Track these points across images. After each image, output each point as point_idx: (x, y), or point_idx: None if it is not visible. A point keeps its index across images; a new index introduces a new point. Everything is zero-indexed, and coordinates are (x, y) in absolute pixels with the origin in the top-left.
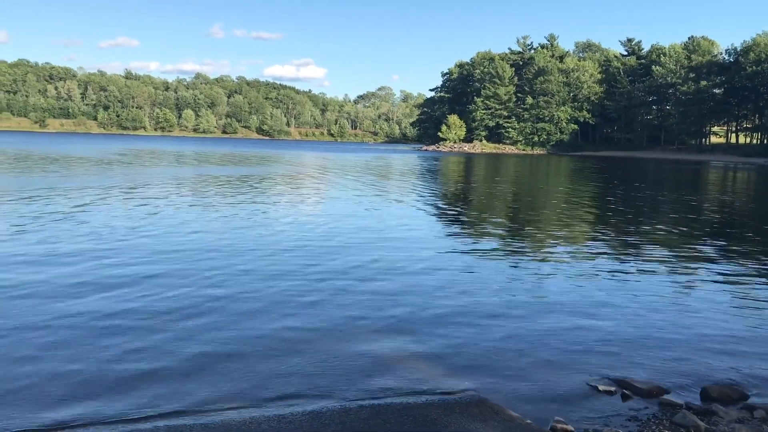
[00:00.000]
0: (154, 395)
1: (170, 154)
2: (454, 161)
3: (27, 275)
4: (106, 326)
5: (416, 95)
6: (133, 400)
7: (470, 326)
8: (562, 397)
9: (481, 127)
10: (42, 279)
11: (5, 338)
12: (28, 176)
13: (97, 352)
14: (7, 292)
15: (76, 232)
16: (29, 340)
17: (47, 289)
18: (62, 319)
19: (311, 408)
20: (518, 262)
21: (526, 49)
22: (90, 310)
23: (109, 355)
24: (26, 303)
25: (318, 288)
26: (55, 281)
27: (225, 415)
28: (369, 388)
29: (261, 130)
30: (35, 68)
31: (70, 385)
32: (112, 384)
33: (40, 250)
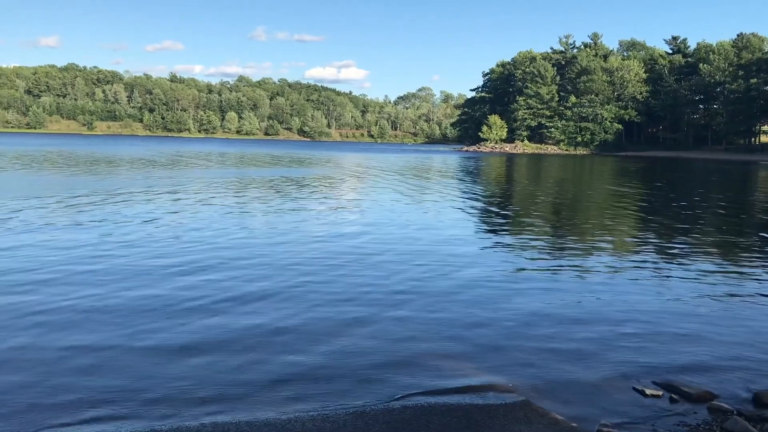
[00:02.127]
0: (203, 394)
1: (217, 156)
2: (495, 162)
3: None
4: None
5: (457, 96)
6: (183, 399)
7: (512, 328)
8: (607, 400)
9: (522, 126)
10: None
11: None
12: (90, 178)
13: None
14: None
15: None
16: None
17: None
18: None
19: (355, 407)
20: (560, 264)
21: (569, 48)
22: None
23: (163, 355)
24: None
25: (359, 289)
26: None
27: (269, 414)
28: (412, 389)
29: (302, 131)
30: (84, 72)
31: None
32: (172, 381)
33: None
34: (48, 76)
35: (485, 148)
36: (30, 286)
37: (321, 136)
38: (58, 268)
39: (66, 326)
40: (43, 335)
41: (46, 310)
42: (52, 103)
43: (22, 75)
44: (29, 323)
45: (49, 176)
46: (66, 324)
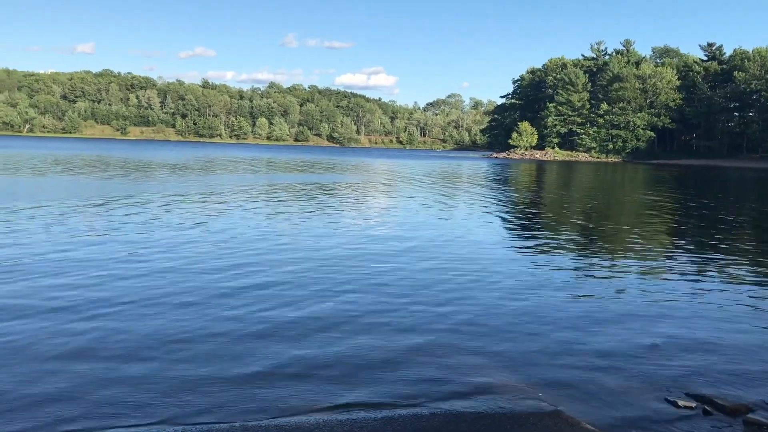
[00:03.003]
0: (231, 394)
1: (249, 161)
2: (525, 169)
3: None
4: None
5: (486, 102)
6: (211, 399)
7: (542, 336)
8: (639, 411)
9: (553, 133)
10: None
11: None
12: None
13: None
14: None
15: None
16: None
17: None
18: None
19: (383, 413)
20: (591, 272)
21: (600, 55)
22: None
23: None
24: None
25: (386, 296)
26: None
27: (298, 418)
28: (440, 395)
29: (331, 137)
30: (118, 78)
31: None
32: (205, 386)
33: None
34: (83, 81)
35: (515, 155)
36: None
37: (350, 142)
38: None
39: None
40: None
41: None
42: (87, 109)
43: (59, 81)
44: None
45: (98, 180)
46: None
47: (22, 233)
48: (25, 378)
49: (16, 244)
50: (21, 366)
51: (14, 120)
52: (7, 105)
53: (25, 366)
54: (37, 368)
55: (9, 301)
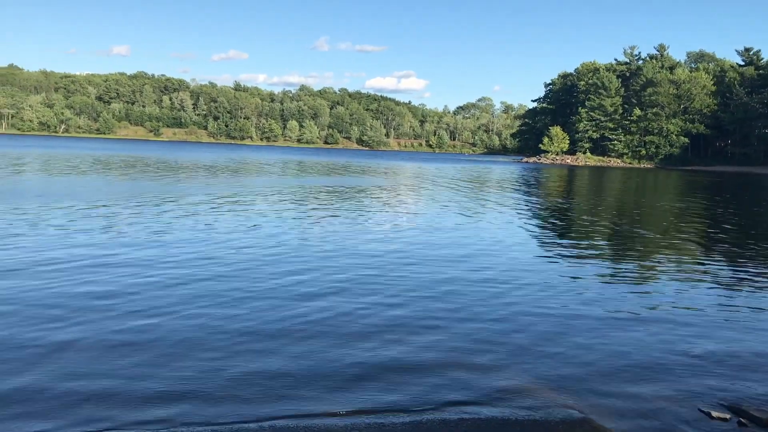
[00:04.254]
0: (262, 394)
1: (282, 163)
2: (556, 173)
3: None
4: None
5: (517, 106)
6: (242, 398)
7: (572, 343)
8: (671, 421)
9: (584, 139)
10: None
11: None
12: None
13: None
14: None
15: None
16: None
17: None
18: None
19: (411, 417)
20: (622, 281)
21: (634, 59)
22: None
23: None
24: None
25: (414, 302)
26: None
27: (326, 420)
28: (469, 401)
29: (361, 140)
30: (152, 80)
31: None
32: (236, 385)
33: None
34: (118, 83)
35: (546, 159)
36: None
37: (379, 145)
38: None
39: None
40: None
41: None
42: (122, 110)
43: (94, 82)
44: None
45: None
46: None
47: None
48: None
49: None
50: (111, 358)
51: (51, 120)
52: (44, 106)
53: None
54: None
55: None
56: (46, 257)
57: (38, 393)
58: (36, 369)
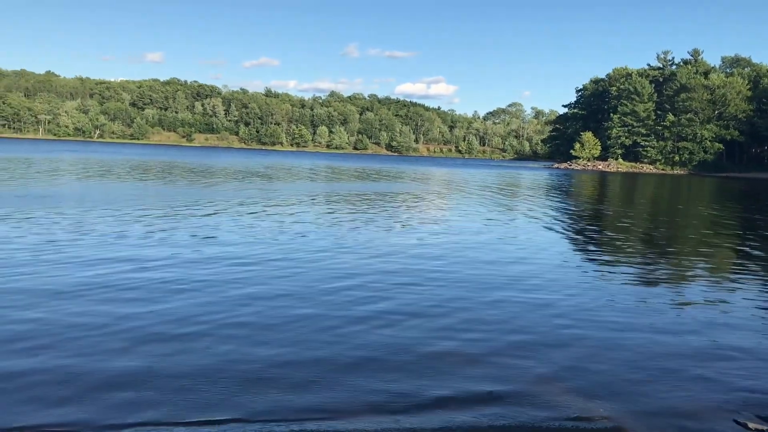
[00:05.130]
0: (291, 399)
1: (319, 169)
2: (588, 179)
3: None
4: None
5: (548, 112)
6: (267, 404)
7: (603, 352)
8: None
9: (617, 144)
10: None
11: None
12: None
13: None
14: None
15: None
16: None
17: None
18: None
19: (441, 422)
20: (655, 288)
21: (667, 64)
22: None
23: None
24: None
25: (444, 308)
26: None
27: (354, 422)
28: (499, 407)
29: (390, 146)
30: (184, 86)
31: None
32: (267, 385)
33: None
34: (152, 89)
35: (577, 165)
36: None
37: (408, 151)
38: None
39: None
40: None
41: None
42: (155, 115)
43: (128, 88)
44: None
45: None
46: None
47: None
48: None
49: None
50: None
51: (86, 126)
52: (79, 112)
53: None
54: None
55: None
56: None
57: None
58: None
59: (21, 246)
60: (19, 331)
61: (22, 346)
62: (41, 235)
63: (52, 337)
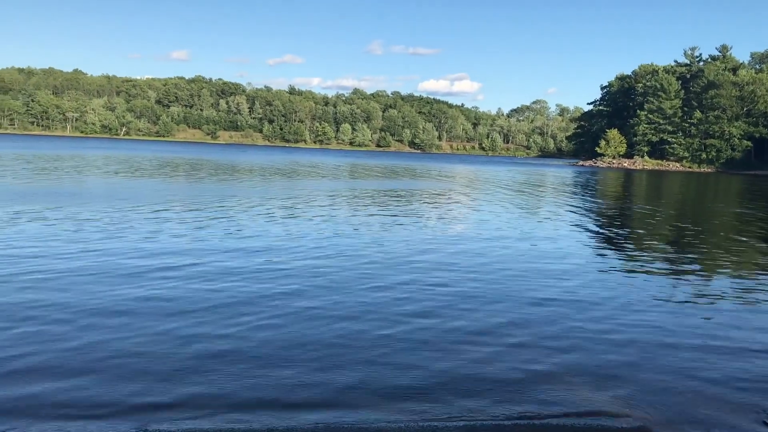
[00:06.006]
0: (318, 397)
1: (346, 167)
2: (613, 177)
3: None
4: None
5: (573, 109)
6: (296, 400)
7: (630, 352)
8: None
9: (643, 142)
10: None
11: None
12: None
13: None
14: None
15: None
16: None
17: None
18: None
19: (464, 423)
20: (683, 289)
21: (694, 61)
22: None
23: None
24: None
25: (476, 308)
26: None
27: (379, 424)
28: (523, 408)
29: (413, 143)
30: (209, 84)
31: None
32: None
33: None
34: (177, 87)
35: (602, 163)
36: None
37: (431, 148)
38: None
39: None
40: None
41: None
42: (180, 113)
43: (154, 86)
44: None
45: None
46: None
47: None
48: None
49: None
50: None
51: (112, 124)
52: (106, 109)
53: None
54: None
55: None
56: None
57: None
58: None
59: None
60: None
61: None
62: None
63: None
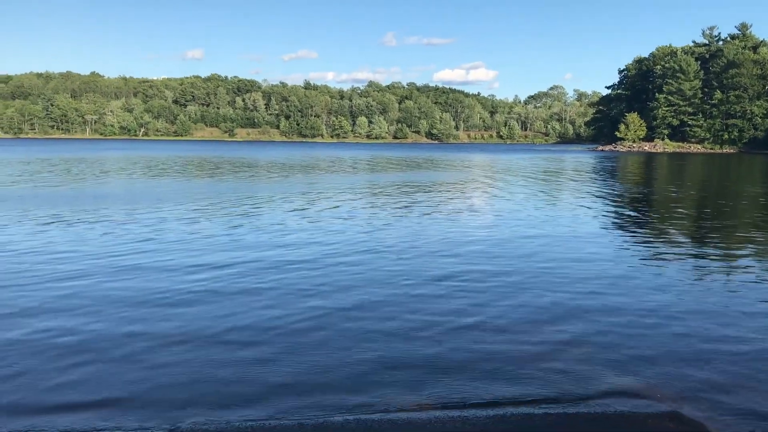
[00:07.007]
0: (346, 388)
1: (365, 161)
2: (634, 161)
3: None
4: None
5: (591, 94)
6: (327, 392)
7: (659, 335)
8: (767, 416)
9: (663, 125)
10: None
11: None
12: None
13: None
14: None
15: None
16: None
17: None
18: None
19: (495, 411)
20: (706, 272)
21: (713, 40)
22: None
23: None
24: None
25: (499, 292)
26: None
27: (411, 414)
28: (553, 395)
29: (430, 134)
30: (225, 82)
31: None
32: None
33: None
34: (193, 86)
35: (622, 147)
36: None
37: (449, 138)
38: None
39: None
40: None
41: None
42: (197, 112)
43: (170, 86)
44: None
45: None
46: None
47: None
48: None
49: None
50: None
51: (131, 124)
52: (124, 110)
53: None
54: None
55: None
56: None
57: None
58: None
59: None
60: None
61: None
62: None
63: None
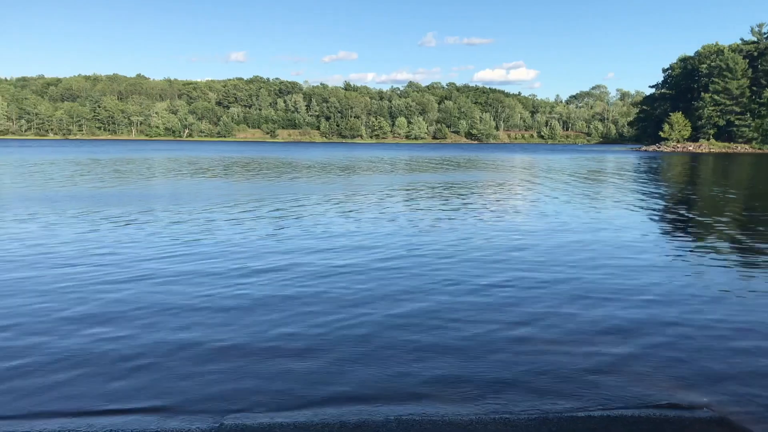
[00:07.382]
0: (385, 389)
1: (405, 161)
2: (680, 162)
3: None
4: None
5: (634, 93)
6: (366, 393)
7: (705, 336)
8: None
9: (708, 124)
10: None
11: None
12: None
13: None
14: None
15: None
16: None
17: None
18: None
19: (538, 412)
20: (752, 273)
21: (762, 37)
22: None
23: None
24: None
25: (549, 302)
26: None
27: (451, 413)
28: (597, 398)
29: (470, 134)
30: (267, 83)
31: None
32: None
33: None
34: (236, 88)
35: (666, 147)
36: None
37: (489, 138)
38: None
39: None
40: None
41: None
42: (240, 113)
43: (214, 88)
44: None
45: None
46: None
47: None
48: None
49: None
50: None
51: (175, 126)
52: (169, 112)
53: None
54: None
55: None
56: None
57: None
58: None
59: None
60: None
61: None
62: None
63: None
